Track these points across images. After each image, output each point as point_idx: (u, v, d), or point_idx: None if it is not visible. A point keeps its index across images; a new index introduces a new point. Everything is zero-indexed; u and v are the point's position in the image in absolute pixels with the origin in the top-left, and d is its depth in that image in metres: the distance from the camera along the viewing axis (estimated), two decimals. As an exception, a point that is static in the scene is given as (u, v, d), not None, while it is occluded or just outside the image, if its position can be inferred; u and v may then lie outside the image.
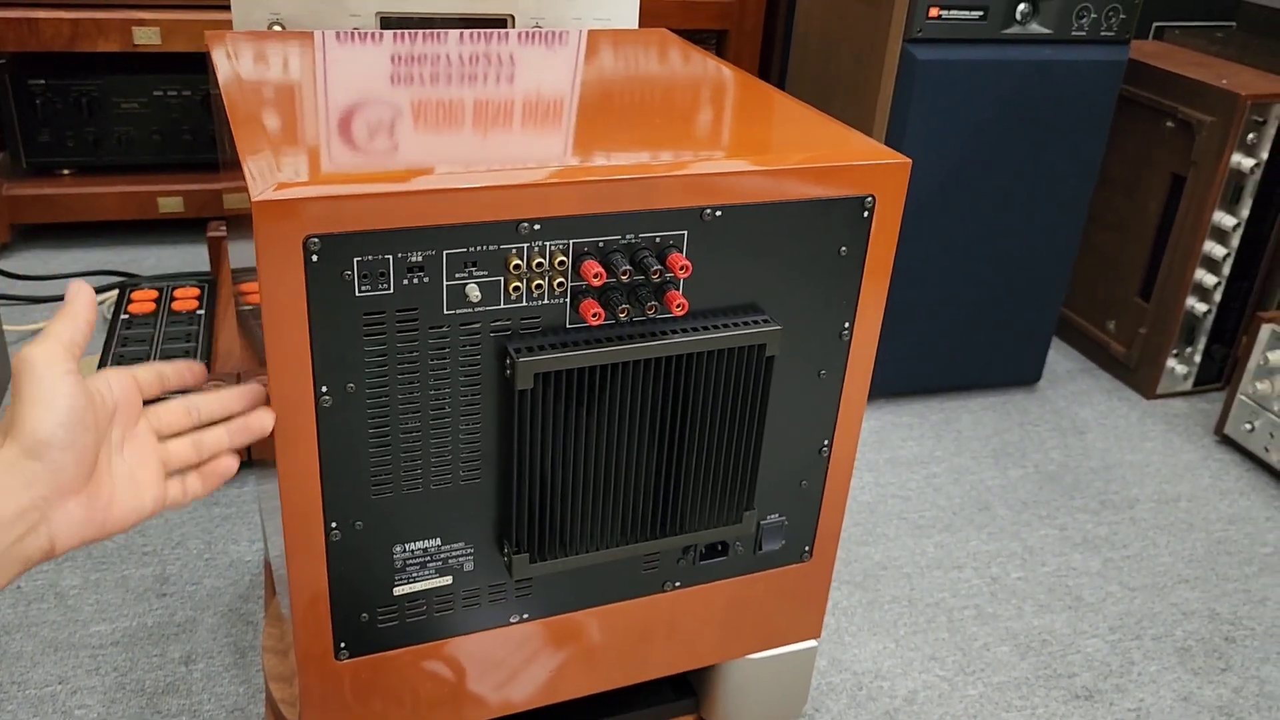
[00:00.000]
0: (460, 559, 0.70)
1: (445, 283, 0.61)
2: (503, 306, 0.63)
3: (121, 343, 1.31)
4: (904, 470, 1.35)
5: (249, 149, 0.61)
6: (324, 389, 0.61)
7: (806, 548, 0.81)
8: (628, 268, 0.63)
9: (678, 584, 0.78)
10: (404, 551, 0.68)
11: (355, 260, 0.58)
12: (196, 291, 1.43)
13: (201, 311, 1.39)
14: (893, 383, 1.47)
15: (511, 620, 0.74)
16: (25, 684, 0.94)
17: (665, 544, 0.73)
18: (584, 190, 0.62)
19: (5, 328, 1.49)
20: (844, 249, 0.70)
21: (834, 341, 0.73)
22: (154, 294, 1.42)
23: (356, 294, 0.59)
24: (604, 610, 0.77)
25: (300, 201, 0.56)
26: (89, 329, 0.59)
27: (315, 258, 0.57)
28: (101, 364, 1.26)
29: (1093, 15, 1.33)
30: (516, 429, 0.65)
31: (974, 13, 1.28)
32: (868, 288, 0.72)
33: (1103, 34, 1.34)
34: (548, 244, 0.62)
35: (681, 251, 0.65)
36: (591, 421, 0.67)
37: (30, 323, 1.55)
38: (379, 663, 0.71)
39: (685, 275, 0.65)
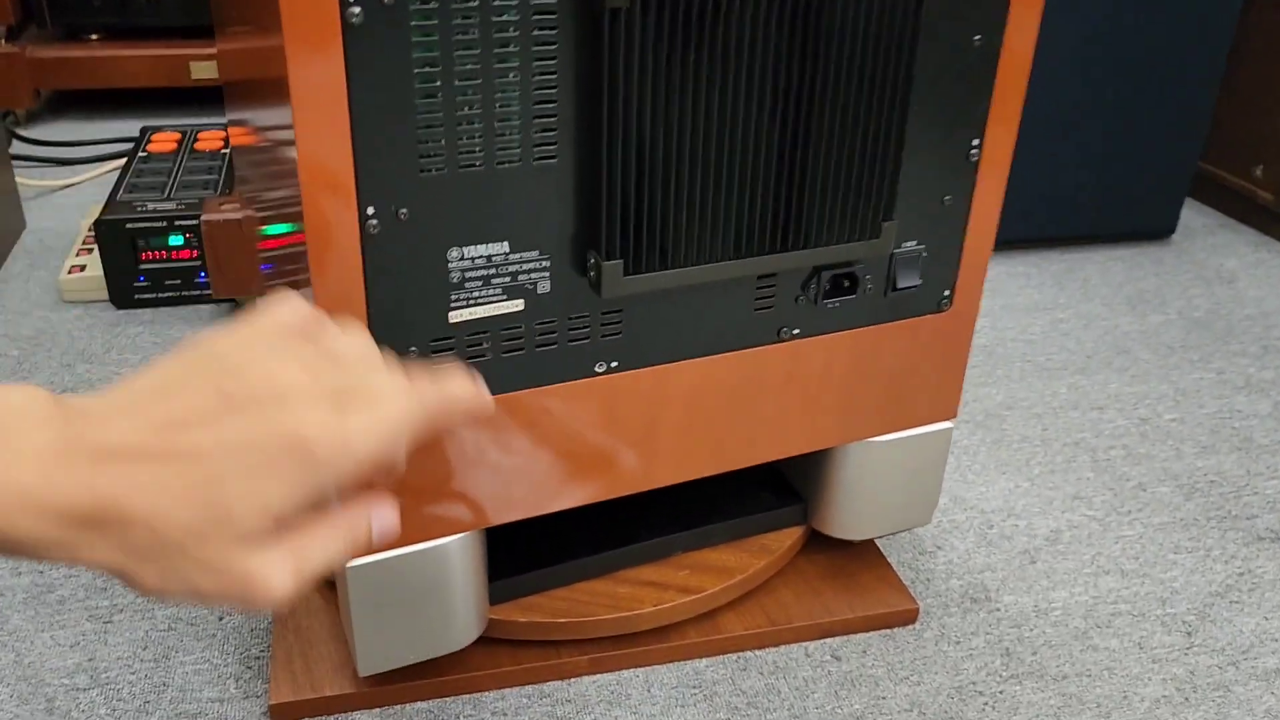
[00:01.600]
0: (534, 275, 0.55)
1: None
2: (588, -103, 0.47)
3: (137, 174, 1.18)
4: (1023, 315, 1.18)
5: None
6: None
7: (946, 292, 0.65)
8: None
9: (796, 331, 0.62)
10: (462, 259, 0.53)
11: None
12: (222, 134, 1.30)
13: (226, 151, 1.25)
14: (1001, 231, 1.29)
15: (597, 370, 0.59)
16: None
17: (789, 260, 0.58)
18: None
19: (22, 181, 1.38)
20: None
21: (1003, -1, 0.57)
22: (177, 135, 1.30)
23: None
24: (708, 362, 0.61)
25: None
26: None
27: None
28: (112, 197, 1.11)
29: None
30: (607, 71, 0.50)
31: None
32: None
33: None
34: None
35: None
36: (700, 74, 0.51)
37: (50, 179, 1.44)
38: (429, 413, 0.56)
39: None
